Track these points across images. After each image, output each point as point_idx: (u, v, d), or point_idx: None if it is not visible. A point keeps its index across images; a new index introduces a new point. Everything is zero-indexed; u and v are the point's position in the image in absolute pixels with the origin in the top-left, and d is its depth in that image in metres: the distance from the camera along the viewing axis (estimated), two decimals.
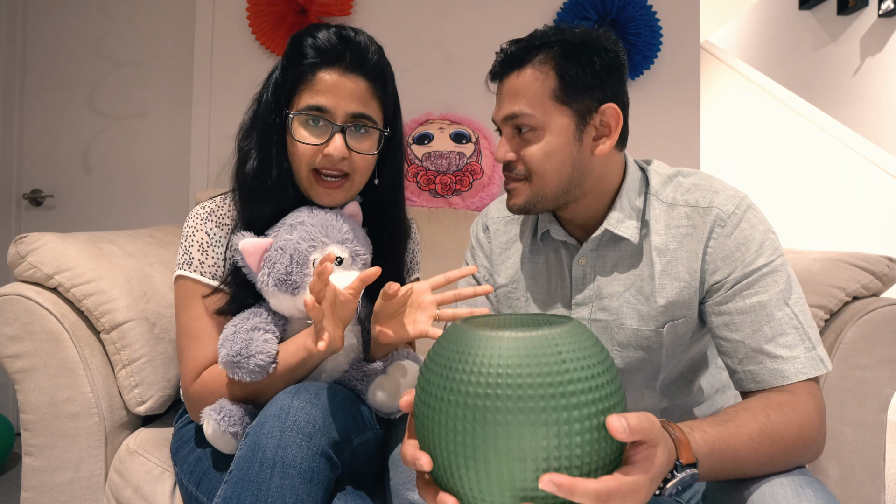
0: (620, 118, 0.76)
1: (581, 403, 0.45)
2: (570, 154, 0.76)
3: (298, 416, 0.67)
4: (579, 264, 0.83)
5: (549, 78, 0.74)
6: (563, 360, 0.45)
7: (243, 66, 1.90)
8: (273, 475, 0.63)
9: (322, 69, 0.80)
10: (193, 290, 0.83)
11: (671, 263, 0.78)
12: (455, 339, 0.49)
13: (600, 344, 0.50)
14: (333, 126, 0.80)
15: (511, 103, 0.76)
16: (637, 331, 0.80)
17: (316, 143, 0.80)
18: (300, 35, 0.82)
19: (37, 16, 2.04)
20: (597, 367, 0.47)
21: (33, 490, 0.92)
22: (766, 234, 0.74)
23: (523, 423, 0.44)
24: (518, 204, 0.79)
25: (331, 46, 0.80)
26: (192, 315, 0.83)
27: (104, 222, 2.01)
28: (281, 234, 0.79)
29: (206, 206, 0.87)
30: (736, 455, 0.60)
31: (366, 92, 0.81)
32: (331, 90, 0.79)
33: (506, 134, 0.78)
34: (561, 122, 0.75)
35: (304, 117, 0.80)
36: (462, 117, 1.77)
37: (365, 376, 0.82)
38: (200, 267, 0.83)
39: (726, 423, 0.61)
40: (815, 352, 0.69)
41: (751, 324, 0.71)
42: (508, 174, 0.79)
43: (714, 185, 0.79)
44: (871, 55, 3.16)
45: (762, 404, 0.65)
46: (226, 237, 0.85)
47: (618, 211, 0.79)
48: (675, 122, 1.89)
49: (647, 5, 1.84)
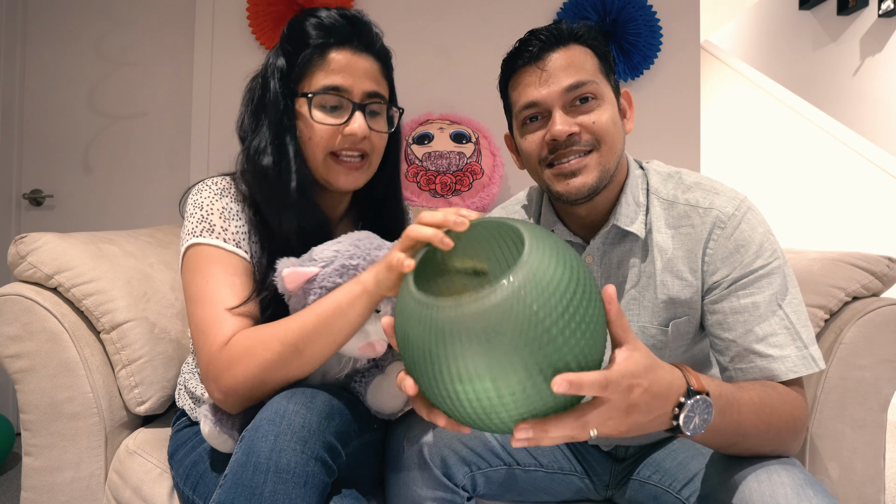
0: (632, 100, 0.82)
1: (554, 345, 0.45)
2: (620, 125, 0.79)
3: (293, 420, 0.66)
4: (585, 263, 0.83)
5: (594, 56, 0.77)
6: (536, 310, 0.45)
7: (243, 66, 1.88)
8: (267, 480, 0.62)
9: (333, 49, 0.79)
10: (211, 255, 0.77)
11: (671, 261, 0.78)
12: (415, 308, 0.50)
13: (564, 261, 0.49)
14: (354, 104, 0.79)
15: (571, 73, 0.75)
16: (643, 328, 0.80)
17: (336, 123, 0.79)
18: (301, 17, 0.81)
19: (37, 16, 2.04)
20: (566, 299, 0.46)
21: (33, 490, 0.92)
22: (766, 237, 0.74)
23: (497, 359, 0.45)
24: (590, 182, 0.75)
25: (339, 26, 0.79)
26: (211, 278, 0.76)
27: (104, 222, 2.01)
28: (330, 273, 0.73)
29: (217, 182, 0.83)
30: (740, 409, 0.62)
31: (377, 71, 0.82)
32: (345, 69, 0.78)
33: (560, 109, 0.75)
34: (611, 95, 0.78)
35: (321, 98, 0.79)
36: (462, 117, 1.77)
37: (363, 378, 0.82)
38: (223, 234, 0.78)
39: (731, 387, 0.63)
40: (806, 351, 0.70)
41: (743, 324, 0.72)
42: (572, 149, 0.75)
43: (714, 185, 0.79)
44: (871, 55, 3.16)
45: (758, 384, 0.68)
46: (240, 213, 0.81)
47: (624, 206, 0.79)
48: (675, 122, 1.89)
49: (647, 5, 1.84)
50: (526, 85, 0.77)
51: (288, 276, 0.72)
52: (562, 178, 0.76)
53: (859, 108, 3.22)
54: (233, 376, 0.71)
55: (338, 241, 0.77)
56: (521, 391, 0.45)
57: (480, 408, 0.47)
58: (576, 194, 0.76)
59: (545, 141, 0.76)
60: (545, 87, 0.75)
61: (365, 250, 0.75)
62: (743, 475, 0.62)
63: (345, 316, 0.70)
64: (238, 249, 0.78)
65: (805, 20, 3.68)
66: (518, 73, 0.78)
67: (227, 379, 0.71)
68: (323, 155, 0.80)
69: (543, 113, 0.77)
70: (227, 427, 0.76)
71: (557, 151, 0.76)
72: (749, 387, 0.66)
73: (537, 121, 0.77)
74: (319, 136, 0.79)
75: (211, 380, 0.72)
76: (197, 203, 0.80)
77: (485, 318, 0.45)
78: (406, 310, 0.51)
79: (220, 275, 0.76)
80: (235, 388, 0.71)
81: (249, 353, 0.70)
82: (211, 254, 0.77)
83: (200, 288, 0.76)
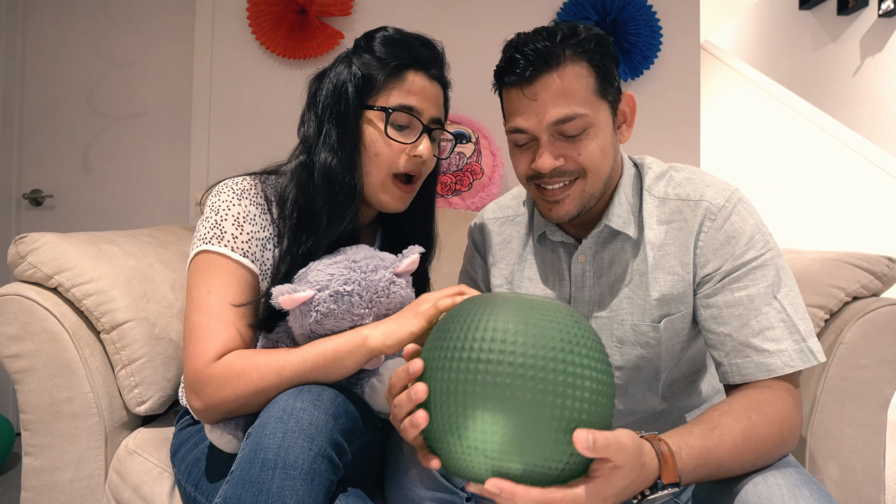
0: (635, 103, 0.79)
1: (568, 393, 0.46)
2: (612, 146, 0.76)
3: (301, 418, 0.66)
4: (578, 262, 0.83)
5: (589, 73, 0.72)
6: (561, 342, 0.47)
7: (243, 66, 1.90)
8: (274, 476, 0.63)
9: (411, 70, 0.81)
10: (219, 265, 0.77)
11: (664, 257, 0.78)
12: (462, 304, 0.53)
13: (595, 335, 0.52)
14: (424, 126, 0.81)
15: (559, 106, 0.70)
16: (635, 326, 0.80)
17: (406, 143, 0.80)
18: (382, 33, 0.83)
19: (37, 16, 2.04)
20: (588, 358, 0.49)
21: (33, 490, 0.92)
22: (757, 228, 0.74)
23: (508, 403, 0.46)
24: (572, 211, 0.75)
25: (420, 49, 0.82)
26: (213, 289, 0.76)
27: (104, 222, 2.01)
28: (325, 299, 0.73)
29: (239, 184, 0.81)
30: (720, 464, 0.60)
31: (441, 99, 0.85)
32: (420, 92, 0.81)
33: (546, 140, 0.72)
34: (604, 116, 0.74)
35: (396, 115, 0.80)
36: (462, 117, 1.77)
37: (358, 379, 0.82)
38: (233, 242, 0.78)
39: (711, 433, 0.61)
40: (804, 344, 0.69)
41: (738, 317, 0.71)
42: (556, 179, 0.74)
43: (705, 179, 0.79)
44: (871, 55, 3.16)
45: (743, 406, 0.66)
46: (261, 216, 0.80)
47: (616, 206, 0.79)
48: (675, 122, 1.89)
49: (647, 5, 1.84)
50: (514, 109, 0.74)
51: (284, 302, 0.73)
52: (546, 203, 0.77)
53: (859, 108, 3.22)
54: (221, 394, 0.72)
55: (334, 260, 0.76)
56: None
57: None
58: (558, 220, 0.78)
59: (531, 167, 0.75)
60: (533, 118, 0.72)
61: (360, 274, 0.75)
62: (738, 478, 0.62)
63: (342, 362, 0.72)
64: (245, 259, 0.78)
65: (805, 20, 3.68)
66: (507, 91, 0.75)
67: (213, 395, 0.72)
68: (385, 172, 0.81)
69: (531, 139, 0.75)
70: (231, 427, 0.76)
71: (542, 178, 0.75)
72: (732, 425, 0.62)
73: (524, 145, 0.76)
74: (387, 153, 0.80)
75: (194, 390, 0.73)
76: (214, 206, 0.80)
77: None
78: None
79: (223, 287, 0.77)
80: (219, 405, 0.73)
81: (242, 378, 0.71)
82: (218, 263, 0.77)
83: (202, 296, 0.76)
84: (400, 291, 0.78)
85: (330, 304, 0.74)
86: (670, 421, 0.87)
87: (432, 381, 0.50)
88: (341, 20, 1.87)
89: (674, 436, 0.60)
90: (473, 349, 0.48)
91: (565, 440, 0.46)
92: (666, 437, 0.59)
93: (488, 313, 0.49)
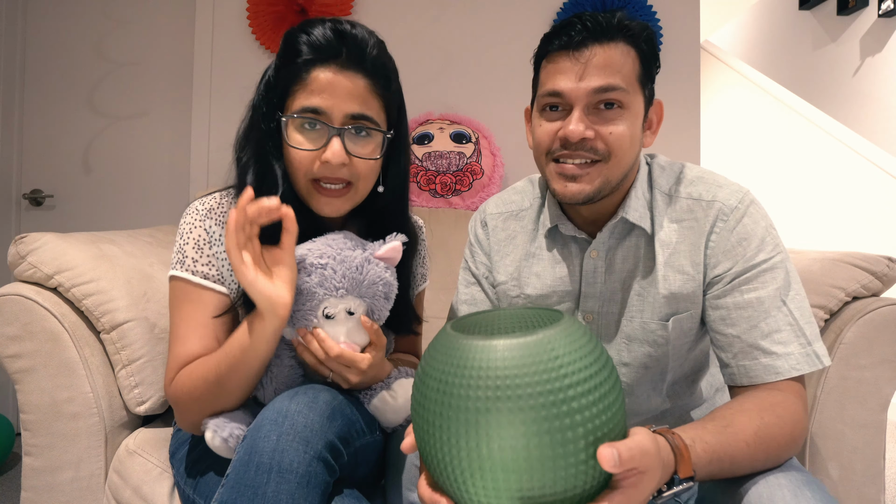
0: (663, 113, 0.80)
1: (579, 407, 0.44)
2: (639, 140, 0.76)
3: (296, 420, 0.66)
4: (591, 258, 0.82)
5: (636, 59, 0.74)
6: (560, 364, 0.45)
7: (243, 66, 1.90)
8: (269, 479, 0.62)
9: (316, 67, 0.74)
10: (184, 291, 0.78)
11: (673, 255, 0.78)
12: (448, 348, 0.48)
13: (594, 339, 0.50)
14: (330, 129, 0.74)
15: (605, 75, 0.71)
16: (644, 324, 0.80)
17: (312, 149, 0.75)
18: (294, 31, 0.76)
19: (37, 16, 2.04)
20: (593, 367, 0.46)
21: (33, 490, 0.92)
22: (768, 230, 0.74)
23: (524, 429, 0.43)
24: (588, 191, 0.74)
25: (326, 42, 0.73)
26: (181, 316, 0.78)
27: (104, 222, 2.01)
28: (301, 275, 0.74)
29: (205, 203, 0.81)
30: (733, 461, 0.60)
31: (365, 90, 0.75)
32: (326, 90, 0.73)
33: (581, 109, 0.72)
34: (639, 106, 0.75)
35: (298, 121, 0.74)
36: (462, 117, 1.77)
37: (370, 391, 0.81)
38: (193, 266, 0.78)
39: (725, 430, 0.61)
40: (810, 347, 0.69)
41: (747, 319, 0.71)
42: (580, 153, 0.72)
43: (717, 179, 0.79)
44: (871, 55, 3.16)
45: (756, 406, 0.65)
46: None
47: (633, 199, 0.79)
48: (675, 122, 1.89)
49: (647, 5, 1.84)
50: (557, 71, 0.73)
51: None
52: (561, 179, 0.75)
53: (859, 108, 3.22)
54: (179, 412, 0.78)
55: (313, 240, 0.77)
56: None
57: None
58: (571, 198, 0.75)
59: (557, 136, 0.74)
60: (574, 81, 0.71)
61: (336, 249, 0.75)
62: (740, 478, 0.62)
63: (253, 349, 0.72)
64: (206, 281, 0.78)
65: (805, 20, 3.68)
66: (553, 55, 0.74)
67: (180, 413, 0.78)
68: (305, 180, 0.77)
69: (565, 105, 0.74)
70: (228, 432, 0.76)
71: (566, 150, 0.74)
72: (745, 423, 0.62)
73: (557, 111, 0.75)
74: (298, 160, 0.76)
75: (172, 406, 0.80)
76: (180, 230, 0.81)
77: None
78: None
79: (187, 310, 0.78)
80: (189, 419, 0.77)
81: (184, 389, 0.75)
82: (183, 290, 0.79)
83: (172, 318, 0.80)
84: (376, 269, 0.76)
85: (304, 276, 0.73)
86: (673, 421, 0.87)
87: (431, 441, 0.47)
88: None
89: (687, 430, 0.59)
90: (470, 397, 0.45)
91: (586, 465, 0.44)
92: (679, 432, 0.58)
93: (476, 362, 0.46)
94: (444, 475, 0.47)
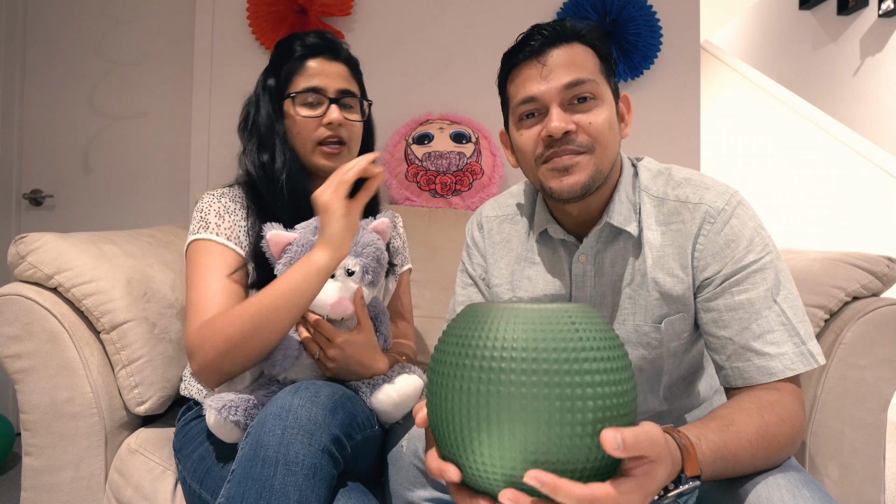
0: (631, 104, 0.82)
1: (592, 382, 0.45)
2: (616, 128, 0.78)
3: (300, 414, 0.67)
4: (579, 262, 0.82)
5: (595, 56, 0.77)
6: (577, 330, 0.46)
7: (243, 67, 1.89)
8: (276, 472, 0.63)
9: (310, 58, 0.97)
10: (207, 248, 0.90)
11: (662, 258, 0.78)
12: (471, 313, 0.51)
13: (612, 328, 0.51)
14: (329, 99, 0.96)
15: (571, 71, 0.74)
16: (637, 327, 0.80)
17: (316, 116, 0.95)
18: (286, 40, 1.00)
19: (37, 16, 2.04)
20: (609, 344, 0.48)
21: (33, 490, 0.92)
22: (756, 231, 0.74)
23: (535, 391, 0.44)
24: (583, 180, 0.75)
25: (314, 43, 0.98)
26: (203, 270, 0.88)
27: (104, 222, 2.01)
28: (306, 234, 0.86)
29: (217, 190, 0.97)
30: (736, 460, 0.60)
31: (346, 73, 1.00)
32: (320, 73, 0.97)
33: (557, 106, 0.74)
34: (609, 96, 0.77)
35: (302, 97, 0.96)
36: (462, 117, 1.77)
37: (372, 383, 0.83)
38: (217, 229, 0.91)
39: (727, 429, 0.61)
40: (804, 346, 0.69)
41: (739, 321, 0.71)
42: (566, 147, 0.74)
43: (704, 181, 0.78)
44: (871, 55, 3.16)
45: (754, 405, 0.65)
46: (240, 209, 0.95)
47: (617, 203, 0.79)
48: (675, 122, 1.89)
49: (647, 5, 1.84)
50: (525, 79, 0.76)
51: (271, 239, 0.86)
52: (556, 175, 0.75)
53: (859, 108, 3.22)
54: (204, 352, 0.80)
55: (316, 217, 0.88)
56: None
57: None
58: (569, 192, 0.75)
59: (541, 137, 0.75)
60: (544, 83, 0.74)
61: None
62: (739, 478, 0.62)
63: (304, 283, 0.80)
64: (228, 242, 0.91)
65: (805, 20, 3.69)
66: (518, 67, 0.78)
67: (200, 355, 0.80)
68: (311, 145, 0.96)
69: (541, 109, 0.75)
70: (232, 414, 0.77)
71: (553, 149, 0.75)
72: (746, 422, 0.62)
73: (534, 117, 0.76)
74: (304, 128, 0.96)
75: (190, 355, 0.82)
76: (198, 209, 0.95)
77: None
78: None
79: (211, 265, 0.88)
80: (207, 363, 0.80)
81: (218, 330, 0.79)
82: (206, 247, 0.90)
83: (194, 275, 0.88)
84: (370, 236, 0.90)
85: (310, 235, 0.86)
86: (670, 422, 0.87)
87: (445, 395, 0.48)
88: (341, 20, 1.87)
89: (691, 429, 0.59)
90: (485, 357, 0.46)
91: (592, 441, 0.44)
92: (684, 430, 0.58)
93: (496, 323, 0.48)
94: (453, 434, 0.48)
